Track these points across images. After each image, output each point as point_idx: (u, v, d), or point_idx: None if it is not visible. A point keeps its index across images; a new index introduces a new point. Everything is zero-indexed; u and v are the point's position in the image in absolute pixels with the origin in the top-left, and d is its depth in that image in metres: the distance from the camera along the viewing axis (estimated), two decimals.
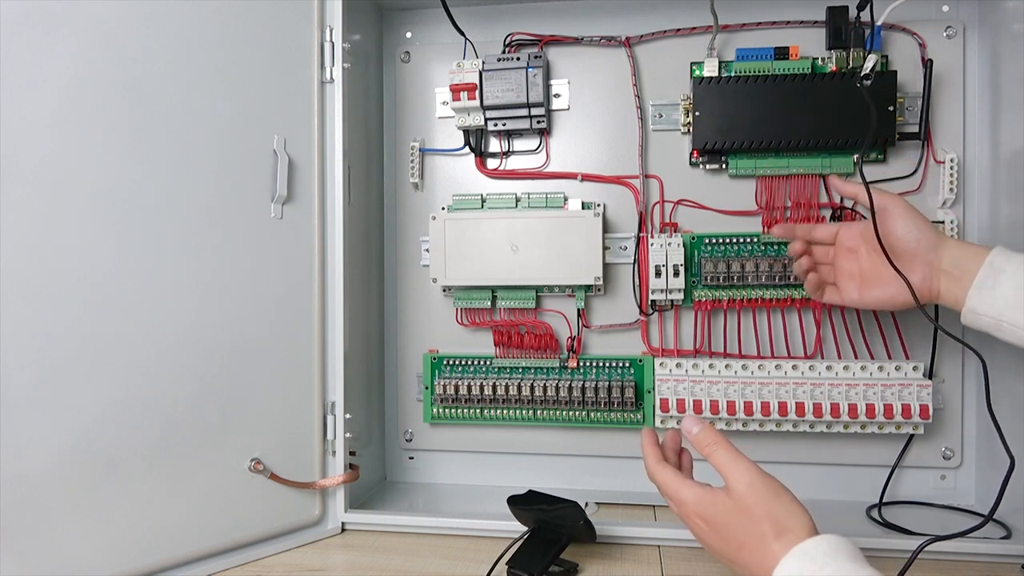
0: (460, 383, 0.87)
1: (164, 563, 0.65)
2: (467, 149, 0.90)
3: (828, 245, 0.75)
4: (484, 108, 0.85)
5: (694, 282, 0.84)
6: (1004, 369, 0.75)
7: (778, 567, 0.49)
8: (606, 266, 0.86)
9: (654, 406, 0.82)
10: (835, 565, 0.47)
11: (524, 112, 0.85)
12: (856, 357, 0.82)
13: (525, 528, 0.70)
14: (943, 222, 0.81)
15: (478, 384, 0.87)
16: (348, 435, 0.78)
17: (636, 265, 0.85)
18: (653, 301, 0.85)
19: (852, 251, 0.73)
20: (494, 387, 0.87)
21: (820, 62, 0.82)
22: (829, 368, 0.79)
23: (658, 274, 0.82)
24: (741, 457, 0.55)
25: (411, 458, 0.94)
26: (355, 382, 0.83)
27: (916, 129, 0.81)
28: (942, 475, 0.83)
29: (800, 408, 0.79)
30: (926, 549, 0.57)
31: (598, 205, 0.85)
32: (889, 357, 0.81)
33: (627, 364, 0.86)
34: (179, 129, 0.67)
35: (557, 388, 0.85)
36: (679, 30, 0.85)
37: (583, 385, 0.85)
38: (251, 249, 0.72)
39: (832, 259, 0.75)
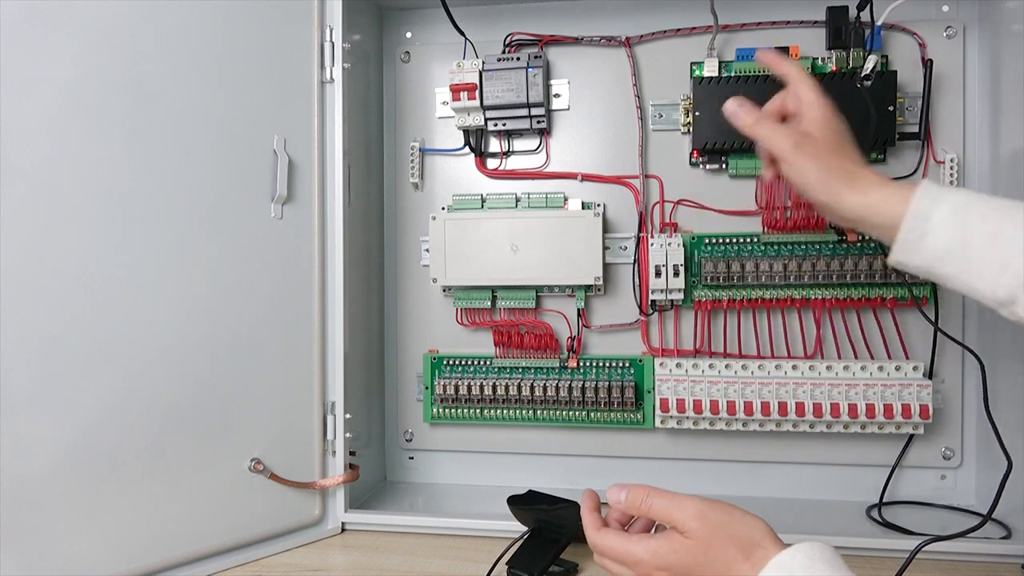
0: (460, 383, 0.87)
1: (164, 563, 0.65)
2: (467, 149, 0.90)
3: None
4: (484, 108, 0.85)
5: (694, 282, 0.84)
6: (1003, 370, 0.75)
7: None
8: (606, 266, 0.86)
9: (654, 406, 0.82)
10: (813, 574, 0.46)
11: (524, 112, 0.85)
12: (856, 357, 0.82)
13: (525, 528, 0.70)
14: None
15: (478, 384, 0.87)
16: (348, 435, 0.78)
17: (636, 265, 0.85)
18: (653, 301, 0.85)
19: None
20: (494, 387, 0.87)
21: (820, 62, 0.82)
22: (829, 368, 0.79)
23: (658, 274, 0.82)
24: (678, 495, 0.52)
25: (411, 458, 0.94)
26: (355, 382, 0.83)
27: (916, 129, 0.81)
28: (942, 475, 0.83)
29: (800, 408, 0.79)
30: (926, 549, 0.57)
31: (598, 205, 0.85)
32: (889, 357, 0.81)
33: (627, 364, 0.86)
34: (179, 129, 0.67)
35: (557, 388, 0.85)
36: (679, 30, 0.85)
37: (583, 385, 0.85)
38: (251, 249, 0.72)
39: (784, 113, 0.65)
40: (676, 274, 0.82)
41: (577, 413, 0.86)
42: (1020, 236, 0.51)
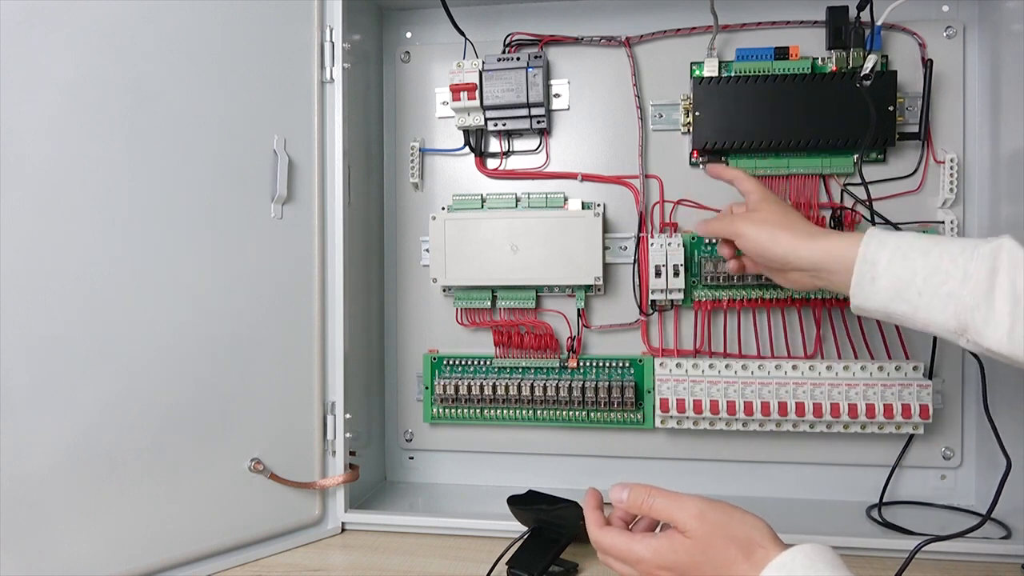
0: (460, 383, 0.87)
1: (164, 563, 0.65)
2: (467, 149, 0.90)
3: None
4: (484, 108, 0.85)
5: (694, 282, 0.84)
6: (1003, 370, 0.75)
7: None
8: (606, 266, 0.86)
9: (654, 406, 0.82)
10: (813, 574, 0.46)
11: (524, 112, 0.85)
12: (856, 357, 0.82)
13: (525, 528, 0.70)
14: (943, 222, 0.81)
15: (478, 384, 0.87)
16: (348, 435, 0.78)
17: (636, 265, 0.85)
18: (653, 301, 0.85)
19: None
20: (494, 387, 0.87)
21: (820, 62, 0.82)
22: (829, 368, 0.79)
23: (658, 274, 0.82)
24: (679, 495, 0.53)
25: (411, 458, 0.94)
26: (355, 382, 0.83)
27: (916, 129, 0.81)
28: (942, 475, 0.83)
29: (800, 408, 0.79)
30: (926, 549, 0.58)
31: (598, 205, 0.85)
32: (889, 357, 0.81)
33: (627, 364, 0.86)
34: (179, 129, 0.67)
35: (557, 388, 0.85)
36: (679, 30, 0.85)
37: (583, 385, 0.85)
38: (251, 249, 0.72)
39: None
40: (676, 274, 0.82)
41: (577, 413, 0.86)
42: (956, 267, 0.55)
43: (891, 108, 0.79)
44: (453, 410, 0.88)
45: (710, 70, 0.83)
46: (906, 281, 0.56)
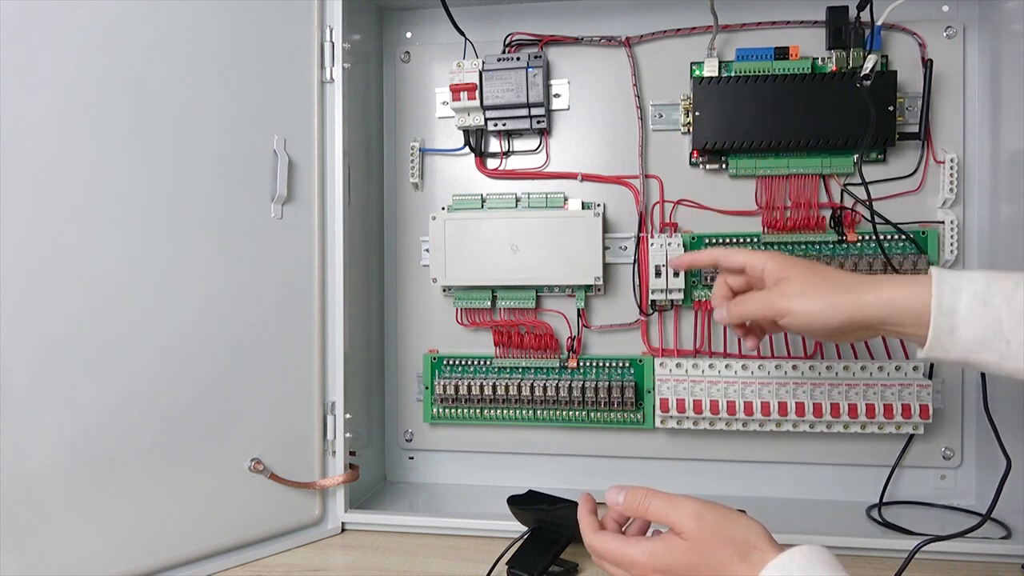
0: (460, 383, 0.87)
1: (164, 563, 0.65)
2: (467, 149, 0.90)
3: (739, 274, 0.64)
4: (484, 108, 0.85)
5: (694, 282, 0.84)
6: None
7: None
8: (606, 266, 0.86)
9: (654, 406, 0.82)
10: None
11: (524, 112, 0.85)
12: (856, 357, 0.82)
13: (525, 528, 0.70)
14: (943, 222, 0.81)
15: (478, 384, 0.87)
16: (348, 435, 0.78)
17: (636, 265, 0.85)
18: (653, 301, 0.85)
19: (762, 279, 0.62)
20: (494, 387, 0.87)
21: (820, 62, 0.82)
22: (829, 368, 0.79)
23: (658, 274, 0.82)
24: (676, 496, 0.52)
25: (411, 458, 0.94)
26: (355, 382, 0.83)
27: (916, 129, 0.81)
28: (942, 475, 0.83)
29: (800, 408, 0.79)
30: (926, 549, 0.58)
31: (598, 205, 0.85)
32: (889, 357, 0.81)
33: (627, 364, 0.86)
34: (179, 129, 0.67)
35: (557, 388, 0.85)
36: (679, 30, 0.85)
37: (583, 385, 0.85)
38: (251, 249, 0.72)
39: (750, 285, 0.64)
40: (676, 274, 0.82)
41: (577, 413, 0.86)
42: None
43: (891, 108, 0.78)
44: (453, 410, 0.88)
45: (710, 70, 0.83)
46: (991, 330, 0.51)
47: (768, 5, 0.84)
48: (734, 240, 0.84)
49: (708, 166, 0.85)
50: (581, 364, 0.87)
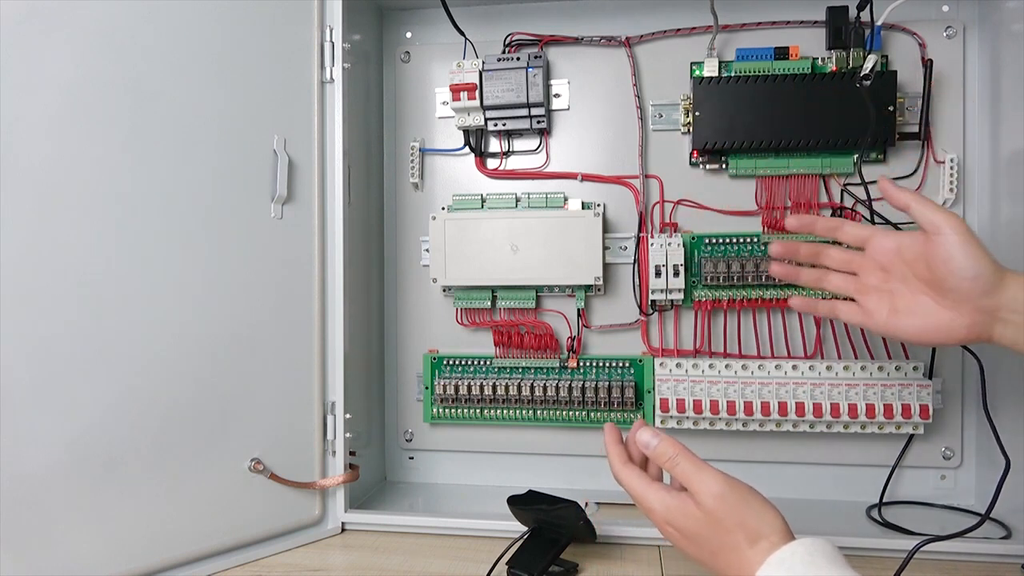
0: (460, 383, 0.87)
1: (164, 563, 0.65)
2: (467, 149, 0.90)
3: (855, 250, 0.63)
4: (484, 108, 0.85)
5: (694, 282, 0.84)
6: (1003, 370, 0.75)
7: None
8: (606, 266, 0.86)
9: (654, 406, 0.82)
10: (814, 569, 0.46)
11: (524, 112, 0.85)
12: (856, 357, 0.82)
13: (525, 528, 0.70)
14: None
15: (478, 384, 0.87)
16: (348, 435, 0.78)
17: (636, 265, 0.85)
18: (653, 301, 0.85)
19: (884, 269, 0.61)
20: (494, 387, 0.87)
21: (820, 62, 0.82)
22: (829, 368, 0.79)
23: (658, 274, 0.82)
24: (705, 466, 0.54)
25: (411, 458, 0.94)
26: (355, 382, 0.83)
27: (916, 129, 0.81)
28: (942, 475, 0.83)
29: (800, 408, 0.79)
30: (926, 549, 0.58)
31: (598, 205, 0.85)
32: (889, 357, 0.81)
33: (627, 364, 0.86)
34: (179, 129, 0.67)
35: (557, 388, 0.85)
36: (679, 30, 0.85)
37: (583, 385, 0.85)
38: (251, 249, 0.72)
39: (855, 268, 0.63)
40: (676, 274, 0.82)
41: (577, 413, 0.86)
42: None
43: (891, 108, 0.79)
44: (453, 410, 0.88)
45: (710, 70, 0.83)
46: None
47: (768, 5, 0.84)
48: (734, 240, 0.83)
49: (708, 166, 0.85)
50: (581, 364, 0.87)
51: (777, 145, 0.81)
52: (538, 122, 0.85)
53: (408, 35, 0.94)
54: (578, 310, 0.88)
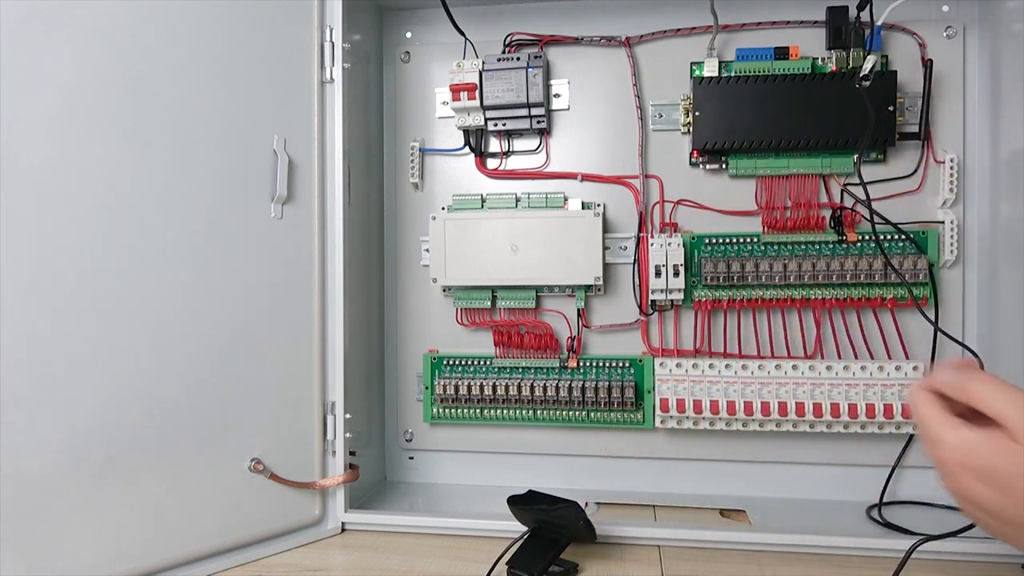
0: (460, 383, 0.87)
1: (164, 563, 0.65)
2: (467, 149, 0.90)
3: None
4: (484, 108, 0.85)
5: (694, 282, 0.84)
6: (1003, 370, 0.75)
7: None
8: (606, 266, 0.86)
9: (654, 406, 0.82)
10: None
11: (524, 112, 0.85)
12: (856, 357, 0.82)
13: (525, 528, 0.70)
14: (943, 222, 0.81)
15: (478, 384, 0.87)
16: (348, 435, 0.78)
17: (636, 265, 0.85)
18: (653, 301, 0.85)
19: None
20: (494, 387, 0.87)
21: (820, 62, 0.82)
22: (829, 368, 0.79)
23: (658, 274, 0.82)
24: (1011, 387, 0.40)
25: (411, 458, 0.94)
26: (355, 382, 0.83)
27: (916, 129, 0.81)
28: None
29: (800, 408, 0.79)
30: (926, 549, 0.58)
31: (598, 205, 0.85)
32: (889, 357, 0.81)
33: (627, 364, 0.86)
34: (179, 129, 0.67)
35: (557, 388, 0.85)
36: (679, 30, 0.85)
37: (583, 385, 0.85)
38: (251, 249, 0.72)
39: None
40: (676, 274, 0.82)
41: (577, 413, 0.86)
42: None
43: (891, 108, 0.79)
44: (453, 410, 0.88)
45: (710, 70, 0.83)
46: None
47: (768, 5, 0.84)
48: (734, 240, 0.83)
49: (708, 166, 0.85)
50: (581, 364, 0.87)
51: (777, 145, 0.81)
52: (538, 122, 0.85)
53: (408, 35, 0.94)
54: (578, 310, 0.88)
